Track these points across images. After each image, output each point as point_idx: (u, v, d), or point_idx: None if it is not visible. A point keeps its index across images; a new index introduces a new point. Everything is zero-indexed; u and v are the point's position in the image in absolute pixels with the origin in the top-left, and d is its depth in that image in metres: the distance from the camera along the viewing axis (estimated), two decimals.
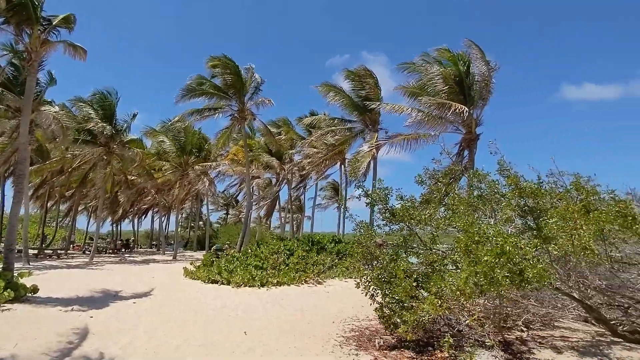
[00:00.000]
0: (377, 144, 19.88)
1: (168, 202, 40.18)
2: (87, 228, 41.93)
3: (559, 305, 7.76)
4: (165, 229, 49.76)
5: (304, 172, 32.38)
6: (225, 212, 62.05)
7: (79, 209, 38.84)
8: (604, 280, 7.01)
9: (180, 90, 23.82)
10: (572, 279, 6.62)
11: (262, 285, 13.62)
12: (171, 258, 28.39)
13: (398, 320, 6.57)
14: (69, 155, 26.43)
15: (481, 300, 7.82)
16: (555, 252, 6.39)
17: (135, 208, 44.66)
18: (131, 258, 28.48)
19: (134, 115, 26.29)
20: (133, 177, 32.64)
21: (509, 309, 7.67)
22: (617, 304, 7.36)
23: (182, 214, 53.89)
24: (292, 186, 37.32)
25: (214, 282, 14.72)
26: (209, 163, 31.09)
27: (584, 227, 6.13)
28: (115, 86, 50.99)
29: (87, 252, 30.37)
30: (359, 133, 24.32)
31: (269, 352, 6.50)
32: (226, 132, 27.11)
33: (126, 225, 53.20)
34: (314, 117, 29.50)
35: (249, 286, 13.61)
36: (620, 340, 6.48)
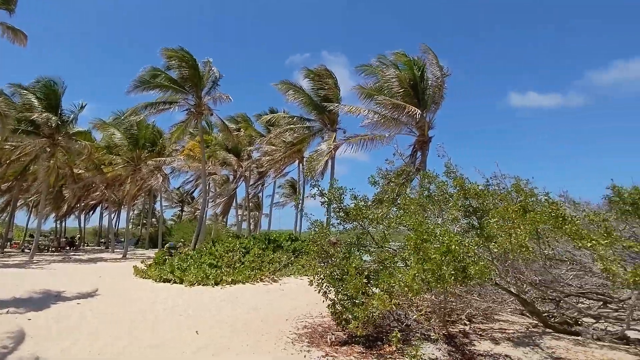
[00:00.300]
0: (335, 144, 20.16)
1: (118, 197, 38.42)
2: (27, 224, 39.21)
3: (498, 299, 8.29)
4: (115, 226, 47.59)
5: (263, 170, 32.16)
6: (180, 209, 60.22)
7: (18, 203, 36.25)
8: (538, 276, 7.57)
9: (132, 82, 22.87)
10: (510, 274, 7.09)
11: (217, 283, 13.42)
12: (121, 256, 27.21)
13: (349, 316, 6.74)
14: (7, 146, 24.60)
15: (429, 295, 8.19)
16: (496, 250, 6.81)
17: (82, 204, 42.30)
18: (76, 257, 26.99)
19: (82, 106, 24.91)
20: (80, 171, 30.91)
21: (454, 303, 8.09)
22: (549, 297, 7.98)
23: (133, 211, 51.73)
24: (250, 183, 36.95)
25: (166, 281, 14.31)
26: (163, 158, 30.07)
27: (521, 227, 6.58)
28: (64, 75, 47.97)
29: (26, 250, 28.42)
30: (317, 132, 24.52)
31: (220, 351, 6.45)
32: (181, 127, 26.34)
33: (72, 222, 50.33)
34: (273, 114, 29.36)
35: (203, 285, 13.36)
36: (551, 330, 7.03)
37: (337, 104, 20.52)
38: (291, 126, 25.10)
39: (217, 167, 34.35)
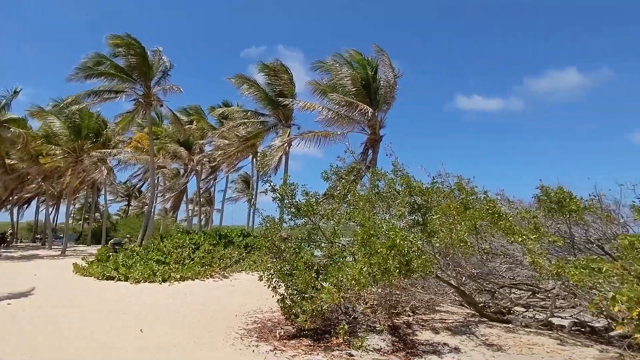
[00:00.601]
0: (289, 139, 20.17)
1: (57, 190, 35.98)
2: None
3: (440, 291, 8.76)
4: (54, 220, 44.53)
5: (215, 164, 31.44)
6: (126, 203, 57.44)
7: None
8: (476, 269, 8.09)
9: (74, 69, 21.46)
10: (450, 268, 7.52)
11: (164, 280, 13.02)
12: (59, 253, 25.56)
13: (298, 310, 6.84)
14: None
15: (376, 289, 8.48)
16: (438, 245, 7.20)
17: (16, 197, 39.15)
18: (7, 254, 25.01)
19: (16, 91, 23.07)
20: (14, 162, 28.59)
21: (399, 296, 8.43)
22: (486, 289, 8.54)
23: (74, 205, 48.64)
24: (202, 178, 36.02)
25: (110, 278, 13.67)
26: (108, 150, 28.53)
27: (461, 223, 7.01)
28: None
29: None
30: (272, 127, 24.36)
31: (165, 349, 6.31)
32: (128, 117, 25.12)
33: (3, 216, 46.44)
34: (227, 108, 28.78)
35: (150, 282, 12.91)
36: (486, 320, 7.55)
37: (292, 100, 20.52)
38: (245, 120, 24.74)
39: (167, 160, 33.15)
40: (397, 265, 6.15)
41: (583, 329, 6.98)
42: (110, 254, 17.56)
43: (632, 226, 6.53)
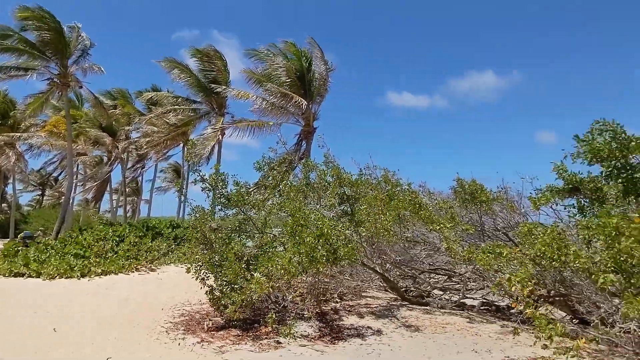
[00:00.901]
0: (222, 128, 19.67)
1: None
2: None
3: (367, 278, 9.19)
4: None
5: (143, 152, 29.71)
6: (40, 193, 52.27)
7: None
8: (399, 256, 8.60)
9: None
10: (375, 255, 7.92)
11: (83, 275, 12.14)
12: None
13: (228, 301, 6.81)
14: None
15: (307, 277, 8.69)
16: (364, 234, 7.54)
17: None
18: None
19: None
20: None
21: (328, 284, 8.71)
22: (408, 274, 9.13)
23: None
24: (128, 166, 33.89)
25: (19, 275, 12.43)
26: (17, 134, 25.71)
27: (386, 213, 7.40)
28: None
29: None
30: (204, 115, 23.55)
31: (81, 347, 5.96)
32: (41, 98, 22.80)
33: None
34: (157, 93, 27.23)
35: (66, 277, 11.96)
36: (407, 303, 8.09)
37: (225, 87, 19.97)
38: (176, 107, 23.65)
39: (87, 146, 30.65)
40: (325, 254, 6.37)
41: (490, 308, 7.77)
42: (20, 248, 15.96)
43: (531, 215, 7.37)
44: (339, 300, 8.30)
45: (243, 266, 7.04)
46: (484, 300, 7.94)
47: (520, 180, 7.39)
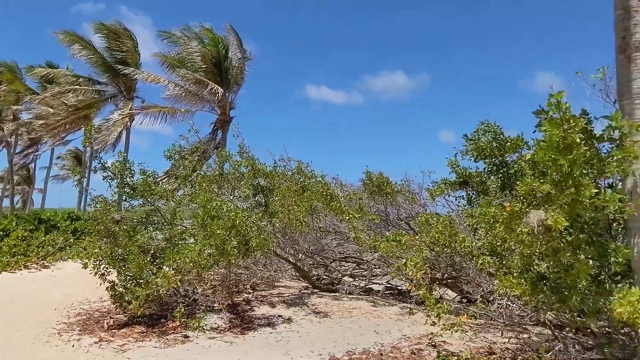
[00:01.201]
0: (131, 113, 18.28)
1: None
2: None
3: (281, 268, 9.33)
4: None
5: (35, 136, 26.40)
6: None
7: None
8: (312, 246, 8.86)
9: None
10: (288, 245, 8.07)
11: None
12: None
13: (131, 297, 6.45)
14: None
15: (219, 269, 8.55)
16: (277, 225, 7.64)
17: None
18: None
19: None
20: None
21: (241, 275, 8.68)
22: (320, 263, 9.45)
23: None
24: (16, 151, 29.89)
25: None
26: None
27: (299, 204, 7.57)
28: None
29: None
30: (110, 98, 21.62)
31: None
32: None
33: None
34: (53, 69, 24.28)
35: None
36: (317, 290, 8.38)
37: (135, 70, 18.52)
38: (76, 87, 21.36)
39: None
40: (237, 246, 6.35)
41: (393, 292, 8.38)
42: None
43: (429, 206, 8.09)
44: (251, 291, 8.30)
45: (149, 259, 6.71)
46: (388, 285, 8.54)
47: (421, 174, 8.05)
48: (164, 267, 6.74)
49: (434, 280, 7.35)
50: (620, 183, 3.67)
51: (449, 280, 7.37)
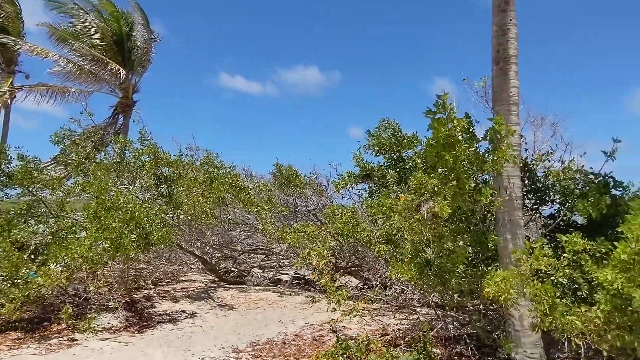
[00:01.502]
0: (11, 89, 15.85)
1: None
2: None
3: (186, 262, 8.96)
4: None
5: None
6: None
7: None
8: (220, 238, 8.65)
9: None
10: (195, 238, 7.78)
11: None
12: None
13: (5, 299, 5.68)
14: None
15: (117, 264, 7.93)
16: (182, 217, 7.31)
17: None
18: None
19: None
20: None
21: (141, 270, 8.16)
22: (229, 256, 9.28)
23: None
24: None
25: None
26: None
27: (206, 195, 7.32)
28: None
29: None
30: None
31: None
32: None
33: None
34: None
35: None
36: (224, 283, 8.23)
37: (17, 40, 16.05)
38: None
39: None
40: (135, 239, 5.95)
41: (300, 282, 8.56)
42: None
43: (336, 198, 8.40)
44: (153, 287, 7.86)
45: (29, 257, 5.96)
46: (296, 275, 8.71)
47: (329, 167, 8.31)
48: (50, 264, 6.06)
49: (339, 268, 7.69)
50: (493, 180, 4.17)
51: (353, 268, 7.76)
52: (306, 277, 8.56)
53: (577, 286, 3.67)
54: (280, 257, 8.33)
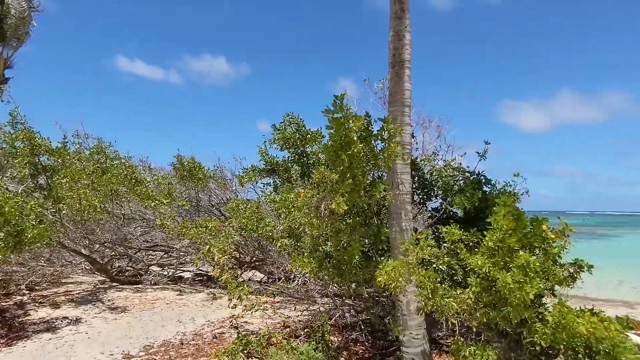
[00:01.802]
0: None
1: None
2: None
3: (71, 262, 8.06)
4: None
5: None
6: None
7: None
8: (113, 235, 7.94)
9: None
10: (81, 235, 7.02)
11: None
12: None
13: None
14: None
15: None
16: (65, 212, 6.55)
17: None
18: None
19: None
20: None
21: (12, 274, 7.13)
22: (124, 254, 8.55)
23: None
24: None
25: None
26: None
27: (96, 188, 6.64)
28: None
29: None
30: None
31: None
32: None
33: None
34: None
35: None
36: (117, 284, 7.59)
37: None
38: None
39: None
40: (3, 238, 5.17)
41: (202, 278, 8.26)
42: None
43: (241, 192, 8.23)
44: (28, 292, 6.91)
45: None
46: (198, 272, 8.39)
47: (233, 161, 8.12)
48: None
49: (243, 263, 7.60)
50: (386, 176, 4.46)
51: (257, 263, 7.71)
52: (209, 274, 8.28)
53: (454, 272, 4.11)
54: (181, 253, 7.92)
